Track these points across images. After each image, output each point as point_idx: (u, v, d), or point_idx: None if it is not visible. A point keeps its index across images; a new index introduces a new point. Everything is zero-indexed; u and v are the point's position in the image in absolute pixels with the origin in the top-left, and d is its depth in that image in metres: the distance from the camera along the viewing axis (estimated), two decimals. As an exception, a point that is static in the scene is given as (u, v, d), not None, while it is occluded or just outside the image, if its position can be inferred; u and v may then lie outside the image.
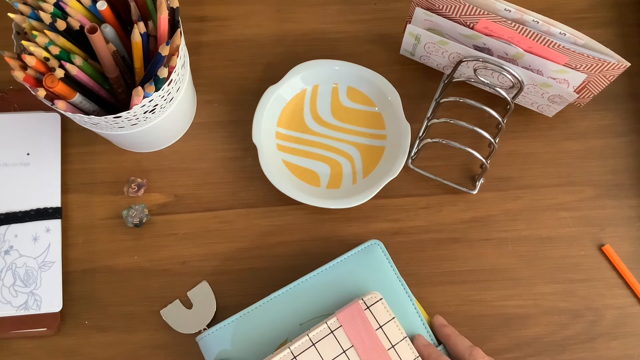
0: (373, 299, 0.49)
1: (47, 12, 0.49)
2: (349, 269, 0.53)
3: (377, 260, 0.53)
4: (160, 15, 0.49)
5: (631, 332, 0.57)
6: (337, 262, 0.53)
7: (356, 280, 0.52)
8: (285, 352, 0.47)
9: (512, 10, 0.53)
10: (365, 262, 0.53)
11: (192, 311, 0.57)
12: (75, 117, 0.51)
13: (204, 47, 0.66)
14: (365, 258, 0.53)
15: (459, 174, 0.62)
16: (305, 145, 0.62)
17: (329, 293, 0.52)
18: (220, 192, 0.61)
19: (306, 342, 0.47)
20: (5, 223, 0.58)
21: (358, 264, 0.53)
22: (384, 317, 0.49)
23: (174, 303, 0.57)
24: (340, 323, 0.48)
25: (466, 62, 0.58)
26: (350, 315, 0.48)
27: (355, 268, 0.53)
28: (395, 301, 0.52)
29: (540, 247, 0.59)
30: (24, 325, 0.56)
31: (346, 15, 0.67)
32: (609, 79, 0.55)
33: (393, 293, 0.52)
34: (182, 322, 0.56)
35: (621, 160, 0.62)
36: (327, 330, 0.48)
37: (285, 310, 0.51)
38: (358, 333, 0.48)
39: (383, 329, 0.48)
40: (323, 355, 0.47)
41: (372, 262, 0.53)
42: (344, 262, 0.53)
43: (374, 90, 0.62)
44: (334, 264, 0.53)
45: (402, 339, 0.48)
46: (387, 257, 0.54)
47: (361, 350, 0.47)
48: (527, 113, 0.63)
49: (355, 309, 0.49)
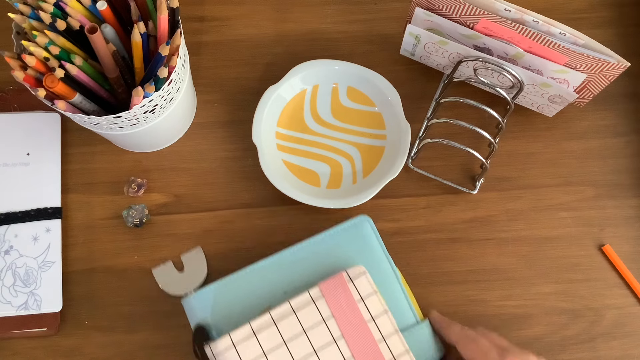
0: (357, 272, 0.50)
1: (47, 12, 0.49)
2: (337, 242, 0.53)
3: (365, 235, 0.53)
4: (160, 15, 0.49)
5: (631, 332, 0.57)
6: (326, 234, 0.53)
7: (343, 254, 0.52)
8: (265, 317, 0.48)
9: (512, 10, 0.53)
10: (353, 237, 0.53)
11: (182, 274, 0.57)
12: (75, 117, 0.51)
13: (204, 47, 0.66)
14: (353, 232, 0.53)
15: (459, 174, 0.62)
16: (305, 145, 0.62)
17: (316, 265, 0.52)
18: (220, 192, 0.61)
19: (287, 309, 0.48)
20: (5, 223, 0.58)
21: (346, 238, 0.53)
22: (367, 290, 0.49)
23: (166, 264, 0.58)
24: (322, 293, 0.49)
25: (466, 62, 0.58)
26: (332, 285, 0.49)
27: (343, 242, 0.53)
28: (381, 277, 0.52)
29: (540, 247, 0.60)
30: (24, 325, 0.56)
31: (346, 15, 0.67)
32: (609, 79, 0.55)
33: (379, 269, 0.52)
34: (171, 283, 0.57)
35: (621, 160, 0.62)
36: (309, 298, 0.49)
37: (270, 278, 0.52)
38: (339, 304, 0.48)
39: (365, 302, 0.49)
40: (303, 323, 0.48)
41: (360, 237, 0.53)
42: (332, 236, 0.53)
43: (374, 90, 0.62)
44: (323, 237, 0.53)
45: (383, 312, 0.49)
46: (376, 233, 0.54)
47: (341, 321, 0.48)
48: (527, 113, 0.63)
49: (339, 280, 0.49)
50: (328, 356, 0.47)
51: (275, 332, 0.48)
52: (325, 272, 0.52)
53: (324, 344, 0.47)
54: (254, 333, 0.47)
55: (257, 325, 0.48)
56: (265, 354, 0.47)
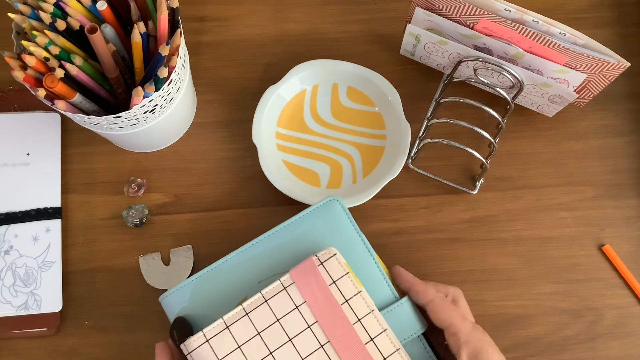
0: (327, 255, 0.48)
1: (47, 12, 0.49)
2: (308, 226, 0.51)
3: (336, 216, 0.52)
4: (160, 15, 0.49)
5: (631, 332, 0.57)
6: (296, 218, 0.52)
7: (315, 237, 0.51)
8: (237, 309, 0.47)
9: (512, 10, 0.53)
10: (324, 218, 0.52)
11: (167, 268, 0.58)
12: (75, 117, 0.51)
13: (204, 47, 0.66)
14: (324, 214, 0.52)
15: (459, 174, 0.62)
16: (305, 145, 0.62)
17: (290, 251, 0.51)
18: (220, 192, 0.61)
19: (259, 299, 0.47)
20: (5, 223, 0.58)
21: (317, 221, 0.51)
22: (338, 272, 0.48)
23: (154, 254, 0.58)
24: (293, 279, 0.48)
25: (466, 62, 0.58)
26: (303, 271, 0.48)
27: (314, 225, 0.51)
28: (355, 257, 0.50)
29: (540, 247, 0.59)
30: (24, 325, 0.56)
31: (346, 15, 0.67)
32: (609, 79, 0.55)
33: (353, 249, 0.51)
34: (154, 275, 0.58)
35: (621, 160, 0.62)
36: (280, 286, 0.47)
37: (244, 268, 0.51)
38: (311, 289, 0.47)
39: (337, 284, 0.48)
40: (275, 312, 0.47)
41: (331, 217, 0.52)
42: (302, 220, 0.52)
43: (374, 90, 0.62)
44: (292, 222, 0.52)
45: (356, 294, 0.48)
46: (347, 212, 0.52)
47: (314, 307, 0.47)
48: (527, 113, 0.63)
49: (309, 265, 0.48)
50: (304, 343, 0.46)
51: (249, 323, 0.47)
52: (299, 257, 0.50)
53: (299, 331, 0.47)
54: (226, 327, 0.47)
55: (229, 319, 0.47)
56: (239, 347, 0.46)
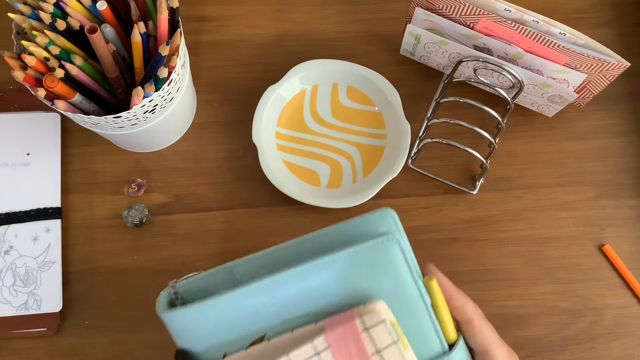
0: (374, 319, 0.37)
1: (47, 12, 0.49)
2: (351, 259, 0.38)
3: (389, 254, 0.38)
4: (160, 15, 0.49)
5: (631, 332, 0.57)
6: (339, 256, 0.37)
7: (360, 272, 0.38)
8: (247, 351, 0.38)
9: (512, 10, 0.53)
10: (374, 253, 0.38)
11: None
12: (75, 117, 0.51)
13: (204, 47, 0.66)
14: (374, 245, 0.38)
15: (459, 174, 0.62)
16: (305, 145, 0.62)
17: (325, 283, 0.38)
18: (220, 192, 0.61)
19: (280, 354, 0.37)
20: (5, 223, 0.58)
21: (364, 257, 0.38)
22: (386, 340, 0.37)
23: None
24: (329, 344, 0.37)
25: (466, 62, 0.58)
26: (342, 336, 0.37)
27: (357, 258, 0.38)
28: (403, 303, 0.39)
29: (540, 247, 0.59)
30: (24, 325, 0.56)
31: (346, 15, 0.67)
32: (609, 79, 0.55)
33: (403, 293, 0.39)
34: None
35: (621, 160, 0.62)
36: (312, 351, 0.37)
37: (267, 300, 0.38)
38: (349, 358, 0.37)
39: (382, 354, 0.37)
40: None
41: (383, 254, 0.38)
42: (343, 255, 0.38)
43: (374, 90, 0.62)
44: (333, 257, 0.38)
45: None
46: (404, 251, 0.38)
47: None
48: (527, 113, 0.63)
49: (350, 329, 0.37)
50: None
51: None
52: (336, 294, 0.39)
53: None
54: None
55: None
56: None
